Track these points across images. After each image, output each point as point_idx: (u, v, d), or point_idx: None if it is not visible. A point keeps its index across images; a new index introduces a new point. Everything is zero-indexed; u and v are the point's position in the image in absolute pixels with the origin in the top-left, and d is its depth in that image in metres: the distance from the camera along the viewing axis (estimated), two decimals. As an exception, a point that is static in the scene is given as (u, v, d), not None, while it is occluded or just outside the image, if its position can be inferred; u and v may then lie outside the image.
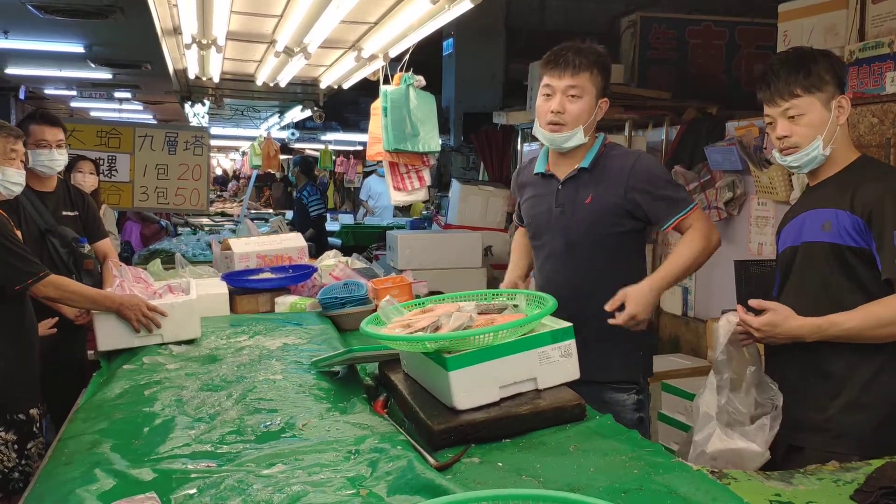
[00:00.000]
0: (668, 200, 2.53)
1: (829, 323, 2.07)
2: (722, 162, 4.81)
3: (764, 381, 2.19)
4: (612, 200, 2.54)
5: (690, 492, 1.58)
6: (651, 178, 2.54)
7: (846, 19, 4.17)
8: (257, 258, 4.08)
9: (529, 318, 2.05)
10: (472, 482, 1.68)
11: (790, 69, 2.16)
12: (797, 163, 2.19)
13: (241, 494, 1.59)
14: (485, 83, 8.85)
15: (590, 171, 2.58)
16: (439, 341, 1.97)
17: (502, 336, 1.99)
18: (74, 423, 2.14)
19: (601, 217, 2.55)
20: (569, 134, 2.54)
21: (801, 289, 2.22)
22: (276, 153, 11.22)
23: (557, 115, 2.53)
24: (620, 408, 2.53)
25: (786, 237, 2.31)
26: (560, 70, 2.53)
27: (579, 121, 2.54)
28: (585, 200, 2.57)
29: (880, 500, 1.57)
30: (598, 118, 2.60)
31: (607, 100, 2.60)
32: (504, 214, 7.32)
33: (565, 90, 2.52)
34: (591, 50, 2.56)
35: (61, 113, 11.72)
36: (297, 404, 2.21)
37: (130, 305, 2.81)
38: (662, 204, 2.53)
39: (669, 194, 2.53)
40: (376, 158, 4.68)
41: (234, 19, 4.62)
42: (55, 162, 3.66)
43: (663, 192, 2.53)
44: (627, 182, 2.53)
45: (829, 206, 2.16)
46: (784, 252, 2.31)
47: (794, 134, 2.17)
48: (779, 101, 2.17)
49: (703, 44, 7.10)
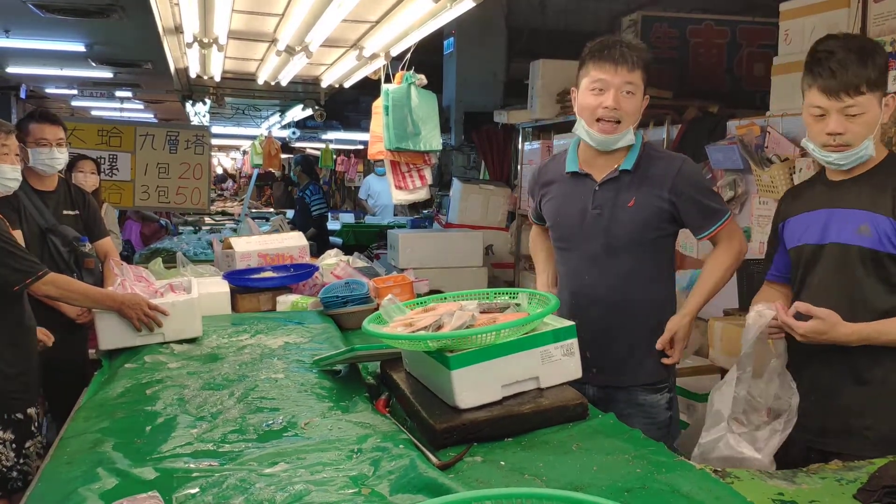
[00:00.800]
0: (709, 210, 2.47)
1: (878, 332, 2.03)
2: (723, 161, 4.80)
3: (786, 376, 2.14)
4: (656, 204, 2.46)
5: (693, 491, 1.57)
6: (696, 184, 2.49)
7: (848, 18, 4.16)
8: (259, 257, 4.08)
9: (532, 318, 2.05)
10: (474, 481, 1.68)
11: (859, 62, 2.00)
12: (843, 161, 2.09)
13: (244, 493, 1.59)
14: (486, 82, 8.86)
15: (632, 173, 2.48)
16: (441, 340, 1.97)
17: (504, 335, 1.99)
18: (76, 422, 2.14)
19: (645, 221, 2.47)
20: (622, 134, 2.44)
21: (825, 289, 2.15)
22: (276, 152, 11.23)
23: (612, 111, 2.40)
24: (656, 408, 2.50)
25: (800, 232, 2.23)
26: (616, 64, 2.38)
27: (633, 118, 2.45)
28: (628, 204, 2.47)
29: (883, 498, 1.57)
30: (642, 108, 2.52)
31: (648, 97, 2.52)
32: (505, 213, 7.32)
33: (621, 86, 2.39)
34: (639, 46, 2.46)
35: (62, 112, 11.73)
36: (299, 403, 2.20)
37: (132, 304, 2.80)
38: (703, 213, 2.48)
39: (710, 204, 2.48)
40: (378, 157, 4.68)
41: (236, 18, 4.62)
42: (56, 160, 3.65)
43: (706, 200, 2.48)
44: (673, 186, 2.45)
45: (864, 209, 2.08)
46: (801, 248, 2.23)
47: (849, 132, 2.05)
48: (843, 96, 2.02)
49: (704, 43, 7.09)
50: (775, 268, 2.40)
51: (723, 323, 3.65)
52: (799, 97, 4.56)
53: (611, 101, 2.39)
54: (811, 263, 2.21)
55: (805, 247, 2.22)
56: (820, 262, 2.18)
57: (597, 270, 2.52)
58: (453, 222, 7.23)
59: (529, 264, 5.89)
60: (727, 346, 3.56)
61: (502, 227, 7.27)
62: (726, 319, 3.70)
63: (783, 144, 4.46)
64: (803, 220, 2.23)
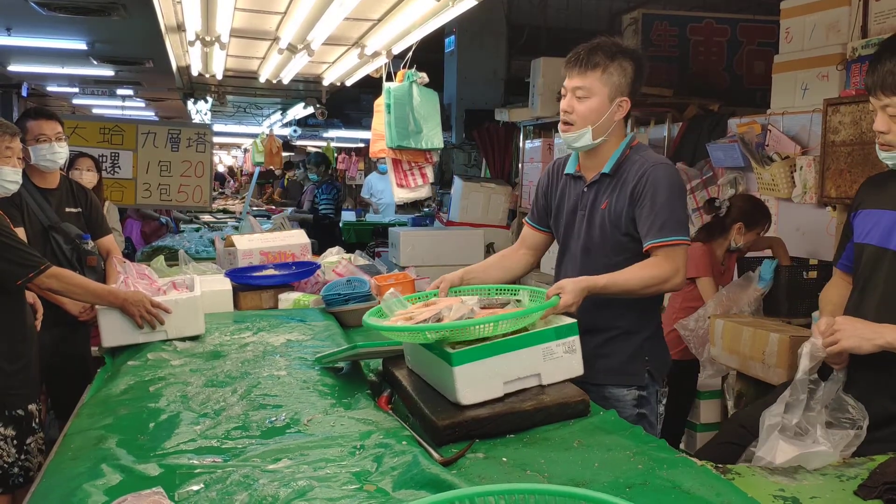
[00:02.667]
0: (658, 223, 2.38)
1: None
2: (724, 159, 4.82)
3: (842, 402, 2.01)
4: (622, 208, 2.46)
5: (695, 486, 1.58)
6: (656, 193, 2.40)
7: (849, 16, 4.17)
8: (260, 255, 4.09)
9: (530, 310, 2.07)
10: (476, 477, 1.68)
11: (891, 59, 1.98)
12: (889, 160, 2.07)
13: (248, 489, 1.60)
14: (487, 80, 8.87)
15: (611, 176, 2.51)
16: (440, 331, 1.98)
17: (503, 326, 2.00)
18: (80, 418, 2.15)
19: (614, 223, 2.49)
20: (576, 134, 2.48)
21: (888, 299, 2.10)
22: (278, 150, 11.25)
23: (566, 114, 2.49)
24: (621, 402, 2.51)
25: (867, 228, 2.16)
26: (570, 69, 2.47)
27: (587, 121, 2.46)
28: (602, 206, 2.51)
29: (884, 494, 1.57)
30: (618, 118, 2.49)
31: (627, 99, 2.47)
32: (506, 211, 7.33)
33: (573, 90, 2.46)
34: (608, 47, 2.45)
35: (63, 110, 11.74)
36: (302, 400, 2.21)
37: (134, 302, 2.81)
38: (650, 222, 2.40)
39: (663, 218, 2.38)
40: (379, 155, 4.69)
41: (238, 16, 4.63)
42: (57, 155, 3.66)
43: (660, 212, 2.39)
44: (634, 188, 2.44)
45: None
46: (864, 247, 2.18)
47: (892, 132, 2.02)
48: (879, 93, 2.01)
49: (704, 41, 7.10)
50: (846, 257, 2.33)
51: (724, 320, 3.65)
52: (799, 95, 4.60)
53: (565, 104, 2.50)
54: (873, 267, 2.14)
55: (868, 246, 2.16)
56: (882, 268, 2.12)
57: (576, 269, 2.55)
58: (454, 220, 7.24)
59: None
60: (729, 343, 3.56)
61: (503, 224, 7.29)
62: (728, 317, 3.71)
63: (784, 142, 4.47)
64: (872, 217, 2.17)
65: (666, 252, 2.38)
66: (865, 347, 1.98)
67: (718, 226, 4.12)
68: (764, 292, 3.95)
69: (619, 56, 2.45)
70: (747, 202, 4.14)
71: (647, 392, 2.57)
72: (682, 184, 2.50)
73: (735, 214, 4.06)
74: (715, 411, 4.36)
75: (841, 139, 3.84)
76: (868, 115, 3.64)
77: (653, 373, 2.58)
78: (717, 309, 3.89)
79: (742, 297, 3.93)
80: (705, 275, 4.03)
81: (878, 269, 2.13)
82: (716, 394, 4.30)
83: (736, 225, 4.04)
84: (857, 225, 2.25)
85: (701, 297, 4.04)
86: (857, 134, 3.73)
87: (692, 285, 4.08)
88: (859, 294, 2.21)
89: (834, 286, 2.39)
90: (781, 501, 1.58)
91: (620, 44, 2.51)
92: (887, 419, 2.07)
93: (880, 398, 2.09)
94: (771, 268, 3.96)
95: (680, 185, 2.47)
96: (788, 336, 3.15)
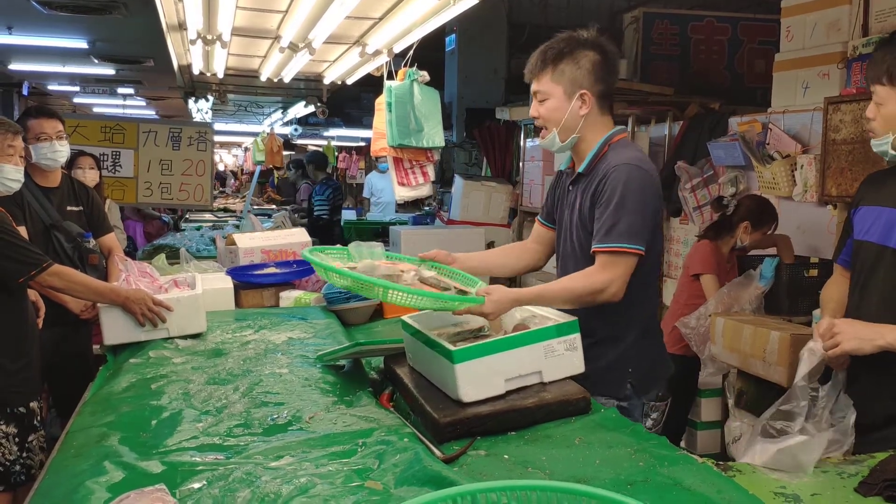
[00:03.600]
0: (607, 226, 2.28)
1: None
2: (725, 157, 4.82)
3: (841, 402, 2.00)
4: (587, 209, 2.40)
5: (696, 484, 1.58)
6: (612, 195, 2.29)
7: (849, 14, 4.17)
8: (262, 253, 4.09)
9: (440, 295, 2.11)
10: (478, 474, 1.68)
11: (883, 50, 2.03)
12: (876, 149, 2.09)
13: (250, 486, 1.60)
14: (487, 78, 8.86)
15: (585, 176, 2.44)
16: (344, 277, 2.09)
17: (398, 297, 2.04)
18: (82, 416, 2.15)
19: (582, 223, 2.43)
20: (548, 139, 2.44)
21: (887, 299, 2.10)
22: (279, 149, 11.24)
23: (536, 120, 2.46)
24: None
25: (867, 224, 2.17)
26: (526, 74, 2.45)
27: (552, 123, 2.40)
28: (576, 205, 2.46)
29: (884, 491, 1.58)
30: (584, 113, 2.38)
31: (587, 92, 2.36)
32: (507, 210, 7.33)
33: (535, 94, 2.42)
34: (556, 45, 2.37)
35: (64, 109, 11.74)
36: (304, 397, 2.21)
37: (136, 299, 2.82)
38: (601, 224, 2.30)
39: (612, 218, 2.28)
40: (380, 154, 4.69)
41: (240, 14, 4.64)
42: (58, 153, 3.66)
43: (613, 214, 2.28)
44: (596, 190, 2.35)
45: None
46: (862, 244, 2.18)
47: (877, 119, 2.06)
48: (872, 85, 2.05)
49: (705, 39, 7.11)
50: (846, 253, 2.33)
51: (725, 318, 3.66)
52: (800, 93, 4.60)
53: (531, 110, 2.47)
54: (873, 265, 2.14)
55: (867, 243, 2.16)
56: (882, 267, 2.11)
57: (569, 268, 2.49)
58: (455, 219, 7.24)
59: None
60: (729, 342, 3.57)
61: (504, 223, 7.29)
62: (729, 315, 3.71)
63: (785, 141, 4.47)
64: (872, 213, 2.17)
65: (606, 259, 2.28)
66: (866, 349, 1.98)
67: (725, 224, 4.13)
68: (765, 290, 3.95)
69: (572, 50, 2.36)
70: (755, 201, 4.15)
71: (628, 404, 2.42)
72: (645, 188, 2.32)
73: (742, 213, 4.08)
74: (716, 410, 4.36)
75: (842, 137, 3.84)
76: (869, 113, 3.64)
77: (635, 385, 2.43)
78: (718, 307, 3.89)
79: (743, 295, 3.93)
80: (710, 272, 4.04)
81: (877, 267, 2.14)
82: (716, 392, 4.30)
83: (742, 224, 4.06)
84: (857, 221, 2.25)
85: (705, 294, 4.06)
86: (858, 132, 3.73)
87: (697, 283, 4.09)
88: (860, 293, 2.20)
89: (835, 283, 2.39)
90: (782, 498, 1.58)
91: (577, 37, 2.39)
92: (888, 419, 2.08)
93: (881, 398, 2.09)
94: (772, 266, 3.96)
95: (641, 189, 2.30)
96: (789, 334, 3.15)
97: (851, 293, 2.23)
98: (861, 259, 2.20)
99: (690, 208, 5.19)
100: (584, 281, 2.29)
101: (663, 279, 5.59)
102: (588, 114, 2.39)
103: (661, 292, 5.64)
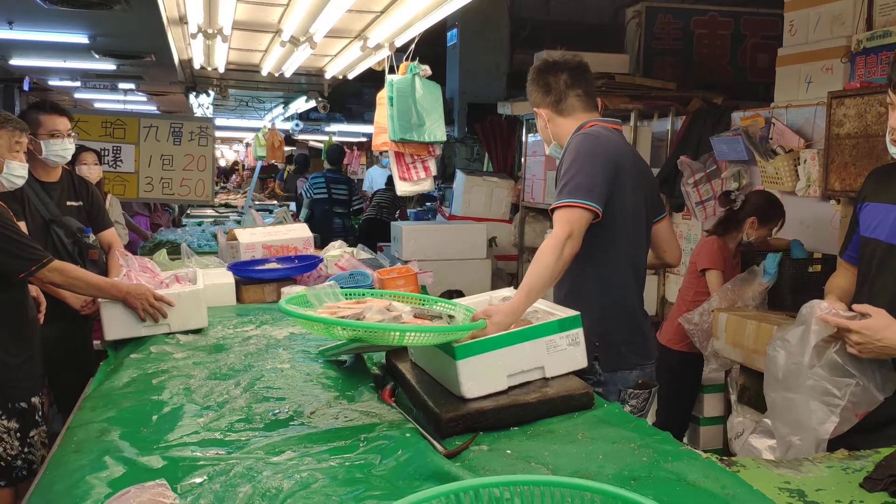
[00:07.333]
0: (560, 185, 2.43)
1: None
2: (727, 152, 4.80)
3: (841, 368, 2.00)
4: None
5: (699, 479, 1.57)
6: (563, 159, 2.50)
7: (853, 8, 4.15)
8: (263, 248, 4.08)
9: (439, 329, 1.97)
10: (480, 469, 1.68)
11: None
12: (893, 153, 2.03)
13: (251, 481, 1.60)
14: (489, 73, 8.85)
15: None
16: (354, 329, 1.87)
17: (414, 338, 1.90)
18: (83, 411, 2.15)
19: None
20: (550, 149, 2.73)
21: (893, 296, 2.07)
22: (280, 144, 11.23)
23: None
24: None
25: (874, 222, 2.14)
26: None
27: (544, 139, 2.74)
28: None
29: (889, 487, 1.57)
30: (541, 126, 2.69)
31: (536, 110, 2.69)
32: (509, 205, 7.32)
33: None
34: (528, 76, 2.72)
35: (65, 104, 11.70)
36: (305, 393, 2.21)
37: (137, 295, 2.81)
38: (556, 188, 2.46)
39: (563, 179, 2.42)
40: (382, 148, 4.67)
41: (241, 8, 4.62)
42: (67, 151, 3.66)
43: (562, 175, 2.44)
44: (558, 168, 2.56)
45: None
46: (870, 241, 2.15)
47: None
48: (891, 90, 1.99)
49: (708, 34, 7.09)
50: (852, 248, 2.30)
51: (727, 314, 3.64)
52: (803, 88, 4.57)
53: None
54: (881, 264, 2.11)
55: (874, 241, 2.13)
56: (891, 266, 2.09)
57: None
58: (457, 214, 7.23)
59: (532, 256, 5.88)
60: (732, 337, 3.56)
61: (506, 219, 7.27)
62: (731, 311, 3.70)
63: (788, 136, 4.45)
64: (880, 211, 2.14)
65: (558, 215, 2.37)
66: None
67: (732, 219, 4.13)
68: (768, 286, 3.94)
69: (530, 78, 2.70)
70: (762, 197, 4.15)
71: (602, 390, 2.42)
72: (592, 151, 2.44)
73: (749, 209, 4.07)
74: (718, 405, 4.35)
75: (845, 132, 3.82)
76: (872, 107, 3.63)
77: (601, 360, 2.43)
78: (721, 303, 3.88)
79: (747, 290, 3.92)
80: (716, 268, 4.04)
81: (885, 266, 2.11)
82: (719, 387, 4.30)
83: (749, 219, 4.05)
84: (863, 218, 2.22)
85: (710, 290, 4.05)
86: (862, 127, 3.71)
87: (704, 279, 4.08)
88: (868, 293, 2.18)
89: (840, 276, 2.37)
90: (787, 494, 1.57)
91: (537, 66, 2.68)
92: (893, 419, 2.06)
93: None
94: (775, 262, 3.95)
95: (588, 151, 2.43)
96: (792, 329, 3.14)
97: (860, 292, 2.21)
98: (868, 256, 2.17)
99: (693, 203, 5.17)
100: (545, 248, 2.31)
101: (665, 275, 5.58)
102: (550, 124, 2.67)
103: (664, 288, 5.63)
